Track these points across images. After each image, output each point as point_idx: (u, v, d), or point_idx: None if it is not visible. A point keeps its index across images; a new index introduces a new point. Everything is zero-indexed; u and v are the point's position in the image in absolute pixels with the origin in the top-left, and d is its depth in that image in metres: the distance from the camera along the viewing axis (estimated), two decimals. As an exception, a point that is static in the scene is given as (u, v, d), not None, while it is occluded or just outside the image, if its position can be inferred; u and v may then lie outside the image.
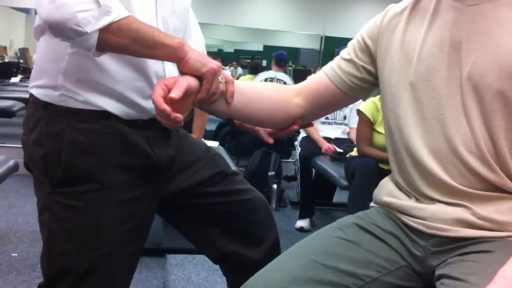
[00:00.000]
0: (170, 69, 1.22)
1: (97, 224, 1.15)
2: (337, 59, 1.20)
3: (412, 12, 1.10)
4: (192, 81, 1.02)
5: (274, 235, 1.45)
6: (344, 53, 1.19)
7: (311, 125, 1.30)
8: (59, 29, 0.97)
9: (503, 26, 0.96)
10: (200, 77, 1.04)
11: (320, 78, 1.21)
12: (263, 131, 1.24)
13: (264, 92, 1.20)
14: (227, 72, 1.13)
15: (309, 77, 1.25)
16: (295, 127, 1.22)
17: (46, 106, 1.13)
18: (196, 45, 1.37)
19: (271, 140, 1.24)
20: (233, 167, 3.12)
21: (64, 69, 1.11)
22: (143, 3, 1.14)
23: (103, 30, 0.97)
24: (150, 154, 1.21)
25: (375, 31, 1.14)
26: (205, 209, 1.37)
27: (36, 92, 1.16)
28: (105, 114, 1.13)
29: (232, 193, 1.39)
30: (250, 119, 1.20)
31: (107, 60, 1.11)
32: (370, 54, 1.15)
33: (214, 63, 1.05)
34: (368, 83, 1.18)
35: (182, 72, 1.05)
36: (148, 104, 1.18)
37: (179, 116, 0.95)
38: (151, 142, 1.21)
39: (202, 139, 3.26)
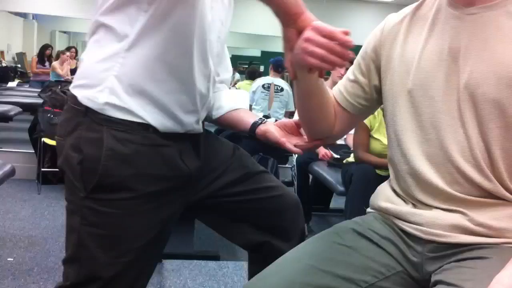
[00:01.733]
0: (212, 90, 1.27)
1: (128, 231, 1.17)
2: (344, 80, 1.21)
3: (411, 20, 1.11)
4: None
5: (301, 232, 1.45)
6: (350, 73, 1.20)
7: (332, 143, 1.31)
8: None
9: (502, 35, 0.97)
10: None
11: (335, 105, 1.21)
12: (288, 144, 1.25)
13: (329, 102, 1.20)
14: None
15: None
16: (318, 142, 1.24)
17: (87, 112, 1.13)
18: (225, 70, 1.44)
19: (299, 151, 1.26)
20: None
21: (117, 71, 1.11)
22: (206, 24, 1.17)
23: None
24: (182, 166, 1.22)
25: (377, 43, 1.15)
26: (233, 207, 1.38)
27: (79, 94, 1.14)
28: (144, 126, 1.14)
29: (260, 190, 1.38)
30: (313, 108, 1.17)
31: (160, 70, 1.12)
32: (374, 66, 1.16)
33: None
34: (375, 102, 1.19)
35: (295, 29, 1.00)
36: (187, 119, 1.20)
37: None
38: (183, 154, 1.22)
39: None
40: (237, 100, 1.47)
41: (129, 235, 1.17)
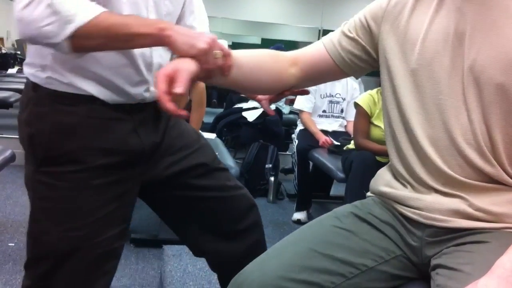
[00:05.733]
0: (158, 54, 1.22)
1: (78, 205, 1.16)
2: (338, 34, 1.17)
3: None
4: (191, 66, 0.98)
5: (257, 235, 1.45)
6: (346, 29, 1.16)
7: (306, 92, 1.30)
8: (36, 43, 1.02)
9: (509, 19, 0.96)
10: None
11: (319, 51, 1.19)
12: (264, 102, 1.28)
13: (262, 65, 1.18)
14: (223, 43, 1.10)
15: (306, 48, 1.23)
16: (287, 93, 1.24)
17: (34, 87, 1.14)
18: (199, 25, 1.37)
19: (272, 112, 1.31)
20: (231, 159, 3.13)
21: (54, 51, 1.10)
22: None
23: (71, 37, 0.99)
24: (134, 140, 1.21)
25: (380, 14, 1.12)
26: (186, 202, 1.37)
27: (27, 71, 1.17)
28: (90, 98, 1.14)
29: (215, 188, 1.38)
30: (247, 89, 1.24)
31: None
32: (371, 35, 1.13)
33: (204, 42, 1.00)
34: (366, 63, 1.16)
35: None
36: (135, 91, 1.18)
37: (183, 113, 0.94)
38: (138, 126, 1.21)
39: (199, 131, 3.27)
40: None
41: (80, 209, 1.16)
